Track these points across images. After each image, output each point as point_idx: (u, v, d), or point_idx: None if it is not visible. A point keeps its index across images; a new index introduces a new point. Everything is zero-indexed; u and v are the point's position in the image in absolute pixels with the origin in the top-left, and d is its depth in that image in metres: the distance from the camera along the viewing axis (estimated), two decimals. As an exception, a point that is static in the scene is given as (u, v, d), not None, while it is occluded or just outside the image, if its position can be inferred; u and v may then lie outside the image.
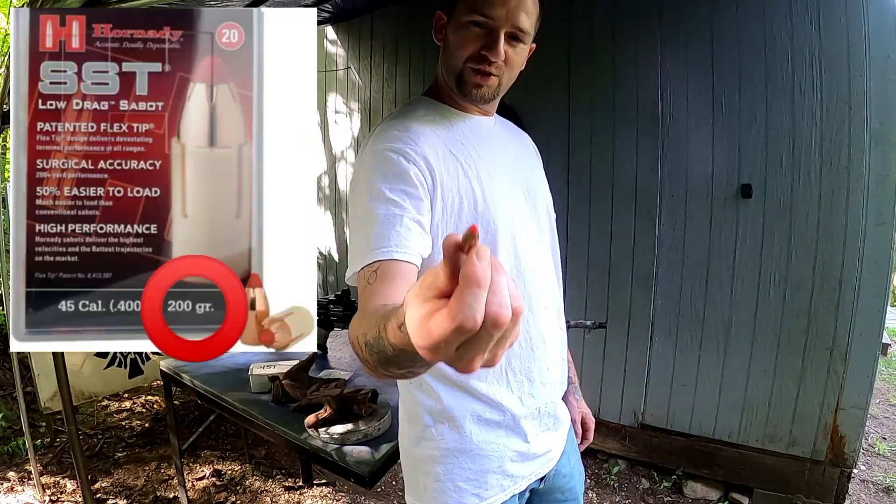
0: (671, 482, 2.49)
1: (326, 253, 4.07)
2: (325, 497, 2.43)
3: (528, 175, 0.94)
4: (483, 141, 0.86)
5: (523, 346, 0.88)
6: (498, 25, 0.79)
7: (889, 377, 4.27)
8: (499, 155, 0.88)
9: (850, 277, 2.05)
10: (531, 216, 0.91)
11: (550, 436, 0.94)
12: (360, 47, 3.63)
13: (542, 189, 0.96)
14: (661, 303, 2.46)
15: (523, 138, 1.03)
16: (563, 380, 0.97)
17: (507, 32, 0.80)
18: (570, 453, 1.02)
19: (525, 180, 0.91)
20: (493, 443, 0.86)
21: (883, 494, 2.48)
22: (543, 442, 0.92)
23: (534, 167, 0.99)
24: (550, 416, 0.93)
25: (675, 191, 2.39)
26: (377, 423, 1.35)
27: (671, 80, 2.36)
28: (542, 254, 0.92)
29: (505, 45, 0.80)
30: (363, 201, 0.73)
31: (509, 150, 0.92)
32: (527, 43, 0.84)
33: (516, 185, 0.89)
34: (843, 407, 2.10)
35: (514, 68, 0.84)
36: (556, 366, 0.94)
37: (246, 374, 1.71)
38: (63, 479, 2.54)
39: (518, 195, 0.89)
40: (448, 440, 0.85)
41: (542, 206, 0.94)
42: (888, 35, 1.93)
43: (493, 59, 0.79)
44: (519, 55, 0.83)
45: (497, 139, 0.91)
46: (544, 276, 0.92)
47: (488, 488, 0.87)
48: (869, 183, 1.99)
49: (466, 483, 0.86)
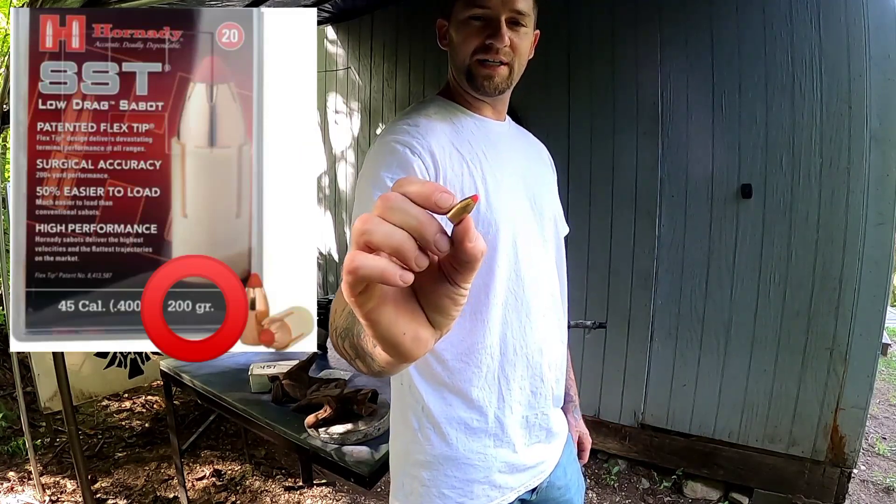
0: (671, 482, 2.49)
1: (326, 253, 4.07)
2: (325, 497, 2.43)
3: (536, 183, 0.91)
4: (491, 143, 0.86)
5: (518, 353, 0.85)
6: (497, 13, 0.79)
7: (889, 377, 4.27)
8: (507, 159, 0.87)
9: (850, 277, 2.05)
10: (535, 224, 0.89)
11: (542, 448, 0.91)
12: (360, 47, 3.63)
13: (550, 199, 0.94)
14: (661, 303, 2.46)
15: (537, 147, 1.01)
16: (558, 392, 0.94)
17: (507, 18, 0.80)
18: (565, 465, 0.99)
19: (533, 188, 0.89)
20: (480, 453, 0.84)
21: (883, 494, 2.48)
22: (534, 454, 0.90)
23: (543, 176, 0.96)
24: (542, 428, 0.90)
25: (675, 191, 2.39)
26: (377, 423, 1.35)
27: (671, 80, 2.36)
28: (544, 262, 0.90)
29: (508, 31, 0.80)
30: (365, 187, 0.75)
31: (519, 155, 0.91)
32: (528, 26, 0.83)
33: (522, 191, 0.87)
34: (843, 407, 2.10)
35: (522, 54, 0.84)
36: (552, 377, 0.91)
37: (246, 374, 1.72)
38: (63, 479, 2.54)
39: (523, 201, 0.87)
40: (435, 446, 0.84)
41: (548, 216, 0.91)
42: (888, 35, 1.93)
43: (499, 46, 0.80)
44: (523, 40, 0.83)
45: (507, 143, 0.89)
46: (546, 284, 0.89)
47: (474, 498, 0.84)
48: (869, 183, 1.99)
49: (451, 491, 0.84)
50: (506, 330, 0.84)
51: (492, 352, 0.83)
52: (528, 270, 0.85)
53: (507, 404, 0.85)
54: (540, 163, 0.99)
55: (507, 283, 0.83)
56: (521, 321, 0.85)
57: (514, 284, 0.84)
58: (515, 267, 0.84)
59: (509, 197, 0.84)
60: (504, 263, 0.82)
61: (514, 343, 0.85)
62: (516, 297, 0.85)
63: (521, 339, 0.85)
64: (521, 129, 1.00)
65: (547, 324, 0.89)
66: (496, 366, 0.84)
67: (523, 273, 0.85)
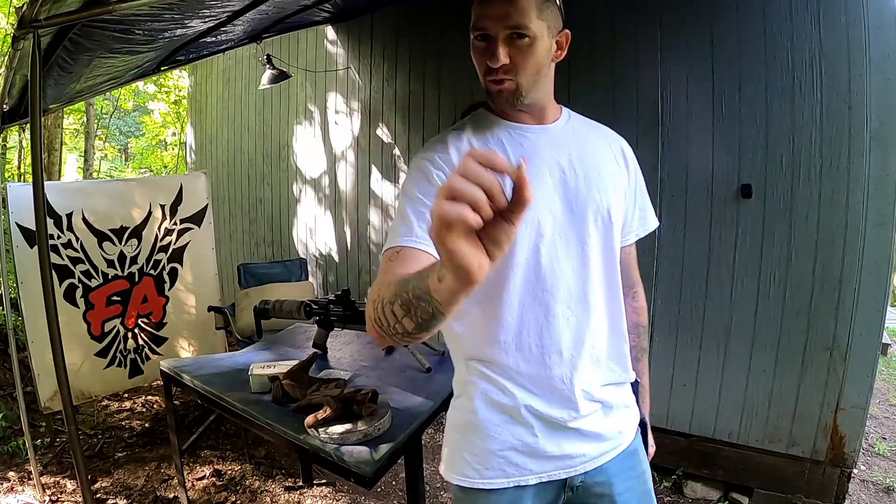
0: (671, 482, 2.49)
1: (326, 253, 4.07)
2: (325, 497, 2.43)
3: (584, 182, 0.91)
4: (523, 149, 0.90)
5: (533, 351, 0.88)
6: (494, 33, 0.83)
7: (889, 377, 4.27)
8: (541, 161, 0.90)
9: (851, 277, 2.04)
10: (570, 224, 0.89)
11: (571, 444, 0.91)
12: (360, 47, 3.63)
13: (601, 198, 0.92)
14: (661, 303, 2.45)
15: (604, 142, 0.99)
16: (598, 397, 0.93)
17: (506, 36, 0.82)
18: (613, 475, 0.96)
19: (576, 187, 0.90)
20: (497, 426, 0.89)
21: (883, 494, 2.48)
22: (559, 445, 0.90)
23: (600, 173, 0.94)
24: (569, 426, 0.91)
25: (675, 191, 2.39)
26: (377, 423, 1.35)
27: (671, 80, 2.36)
28: (575, 262, 0.90)
29: (507, 47, 0.83)
30: (401, 201, 0.88)
31: (561, 154, 0.91)
32: (535, 36, 0.83)
33: (557, 191, 0.89)
34: (843, 407, 2.09)
35: (528, 66, 0.85)
36: (585, 380, 0.91)
37: (246, 374, 1.72)
38: (63, 479, 2.54)
39: (556, 202, 0.89)
40: (465, 412, 0.93)
41: (591, 211, 0.91)
42: (888, 35, 1.93)
43: (494, 66, 0.83)
44: (525, 53, 0.84)
45: (545, 145, 0.91)
46: (574, 284, 0.89)
47: (489, 468, 0.90)
48: (869, 183, 1.99)
49: (471, 457, 0.92)
50: (521, 328, 0.88)
51: (506, 348, 0.89)
52: (549, 271, 0.87)
53: (523, 393, 0.89)
54: (601, 158, 0.96)
55: (523, 281, 0.88)
56: (537, 321, 0.88)
57: (532, 285, 0.88)
58: (535, 267, 0.87)
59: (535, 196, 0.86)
60: (521, 260, 0.86)
61: (529, 342, 0.89)
62: (534, 297, 0.88)
63: (538, 338, 0.88)
64: (586, 124, 1.00)
65: (573, 326, 0.90)
66: (510, 359, 0.89)
67: (544, 273, 0.87)
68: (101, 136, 10.17)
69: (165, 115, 9.35)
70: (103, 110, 9.71)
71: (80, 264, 2.82)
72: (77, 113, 8.29)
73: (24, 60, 1.66)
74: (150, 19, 1.98)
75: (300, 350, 2.05)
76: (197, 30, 2.52)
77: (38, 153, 1.53)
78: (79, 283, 2.81)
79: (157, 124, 9.88)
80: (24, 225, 2.59)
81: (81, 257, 2.82)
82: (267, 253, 4.59)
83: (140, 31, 2.09)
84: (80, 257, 2.81)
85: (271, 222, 4.55)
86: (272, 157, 4.47)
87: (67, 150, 9.35)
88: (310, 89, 4.02)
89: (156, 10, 1.87)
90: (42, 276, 1.48)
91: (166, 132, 10.10)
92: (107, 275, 2.91)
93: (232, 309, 3.28)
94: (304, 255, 4.18)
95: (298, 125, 4.19)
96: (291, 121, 4.23)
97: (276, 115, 4.38)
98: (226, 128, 5.00)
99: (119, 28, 1.90)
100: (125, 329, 3.02)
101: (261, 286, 3.34)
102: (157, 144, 11.27)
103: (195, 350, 3.31)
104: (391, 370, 1.82)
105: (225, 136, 5.02)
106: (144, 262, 3.06)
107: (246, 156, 4.77)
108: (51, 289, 1.50)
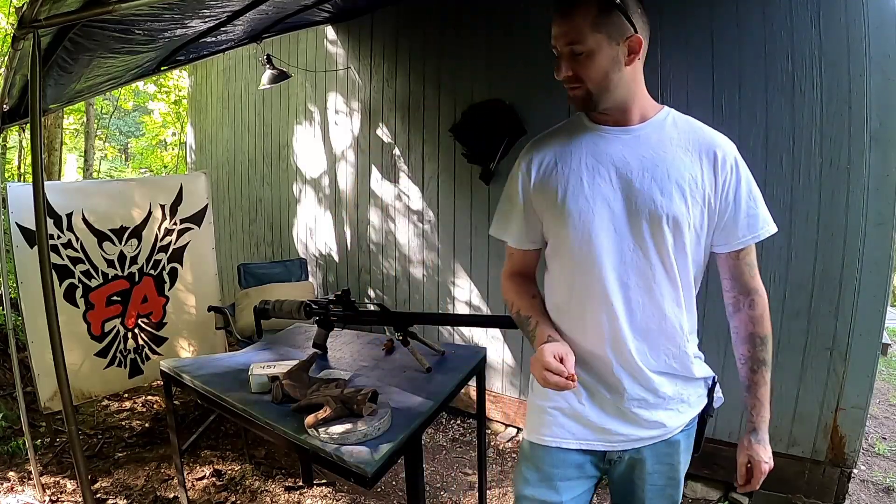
0: (671, 482, 2.48)
1: (326, 253, 4.07)
2: (325, 497, 2.43)
3: (651, 184, 0.96)
4: (596, 148, 1.00)
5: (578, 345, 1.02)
6: (559, 50, 0.96)
7: (889, 377, 4.27)
8: (608, 161, 0.99)
9: (851, 277, 2.04)
10: (626, 215, 0.97)
11: (616, 423, 1.03)
12: (360, 47, 3.63)
13: (659, 197, 0.95)
14: (661, 303, 2.45)
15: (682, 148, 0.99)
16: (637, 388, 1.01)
17: (566, 53, 0.94)
18: (649, 455, 1.06)
19: (640, 189, 0.96)
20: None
21: (883, 494, 2.48)
22: (601, 417, 1.03)
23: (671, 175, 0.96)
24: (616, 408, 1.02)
25: (675, 191, 2.38)
26: (377, 423, 1.35)
27: (671, 80, 2.36)
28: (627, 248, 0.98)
29: (570, 62, 0.94)
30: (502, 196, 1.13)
31: (633, 156, 0.98)
32: (591, 50, 0.91)
33: (616, 191, 0.98)
34: (843, 407, 2.09)
35: (592, 77, 0.94)
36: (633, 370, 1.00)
37: (246, 374, 1.72)
38: (63, 479, 2.54)
39: (616, 202, 0.98)
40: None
41: (644, 211, 0.96)
42: (888, 35, 1.92)
43: (559, 79, 0.97)
44: (585, 65, 0.93)
45: (619, 144, 0.99)
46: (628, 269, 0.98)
47: (542, 425, 1.05)
48: (869, 183, 1.99)
49: (532, 410, 1.10)
50: (575, 304, 1.02)
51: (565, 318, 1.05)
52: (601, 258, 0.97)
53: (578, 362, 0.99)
54: (679, 163, 0.97)
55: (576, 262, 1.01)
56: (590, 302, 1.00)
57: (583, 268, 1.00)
58: (588, 250, 0.98)
59: (592, 192, 0.98)
60: (569, 242, 1.00)
61: (584, 319, 1.02)
62: (584, 281, 1.01)
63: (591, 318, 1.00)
64: (682, 127, 1.03)
65: (623, 317, 0.98)
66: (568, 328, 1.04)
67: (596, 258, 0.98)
68: (101, 136, 10.16)
69: (165, 115, 9.33)
70: (103, 110, 9.71)
71: (80, 264, 2.82)
72: (77, 113, 8.28)
73: (24, 60, 1.66)
74: (150, 19, 1.98)
75: (300, 350, 2.05)
76: (197, 30, 2.52)
77: (38, 153, 1.53)
78: (79, 283, 2.81)
79: (157, 124, 9.87)
80: (24, 225, 2.59)
81: (81, 257, 2.82)
82: (267, 253, 4.59)
83: (140, 31, 2.09)
84: (80, 257, 2.81)
85: (271, 222, 4.55)
86: (272, 157, 4.47)
87: (67, 150, 9.35)
88: (310, 89, 4.02)
89: (156, 10, 1.87)
90: (42, 276, 1.48)
91: (166, 132, 10.08)
92: (107, 275, 2.91)
93: (232, 309, 3.28)
94: (304, 255, 4.18)
95: (298, 125, 4.18)
96: (291, 121, 4.23)
97: (276, 115, 4.38)
98: (226, 128, 5.00)
99: (119, 28, 1.90)
100: (125, 329, 3.02)
101: (261, 286, 3.34)
102: (157, 144, 11.26)
103: (195, 350, 3.31)
104: (391, 370, 1.82)
105: (225, 136, 5.02)
106: (144, 262, 3.06)
107: (246, 156, 4.77)
108: (51, 289, 1.50)
